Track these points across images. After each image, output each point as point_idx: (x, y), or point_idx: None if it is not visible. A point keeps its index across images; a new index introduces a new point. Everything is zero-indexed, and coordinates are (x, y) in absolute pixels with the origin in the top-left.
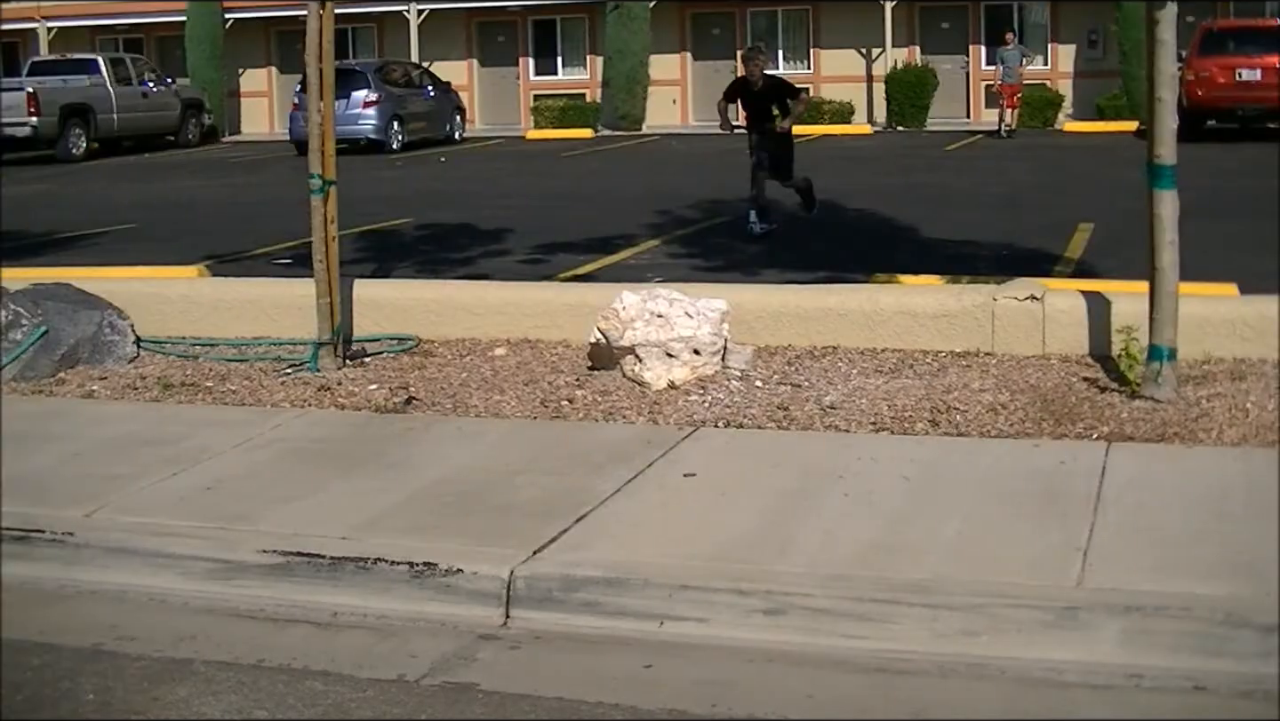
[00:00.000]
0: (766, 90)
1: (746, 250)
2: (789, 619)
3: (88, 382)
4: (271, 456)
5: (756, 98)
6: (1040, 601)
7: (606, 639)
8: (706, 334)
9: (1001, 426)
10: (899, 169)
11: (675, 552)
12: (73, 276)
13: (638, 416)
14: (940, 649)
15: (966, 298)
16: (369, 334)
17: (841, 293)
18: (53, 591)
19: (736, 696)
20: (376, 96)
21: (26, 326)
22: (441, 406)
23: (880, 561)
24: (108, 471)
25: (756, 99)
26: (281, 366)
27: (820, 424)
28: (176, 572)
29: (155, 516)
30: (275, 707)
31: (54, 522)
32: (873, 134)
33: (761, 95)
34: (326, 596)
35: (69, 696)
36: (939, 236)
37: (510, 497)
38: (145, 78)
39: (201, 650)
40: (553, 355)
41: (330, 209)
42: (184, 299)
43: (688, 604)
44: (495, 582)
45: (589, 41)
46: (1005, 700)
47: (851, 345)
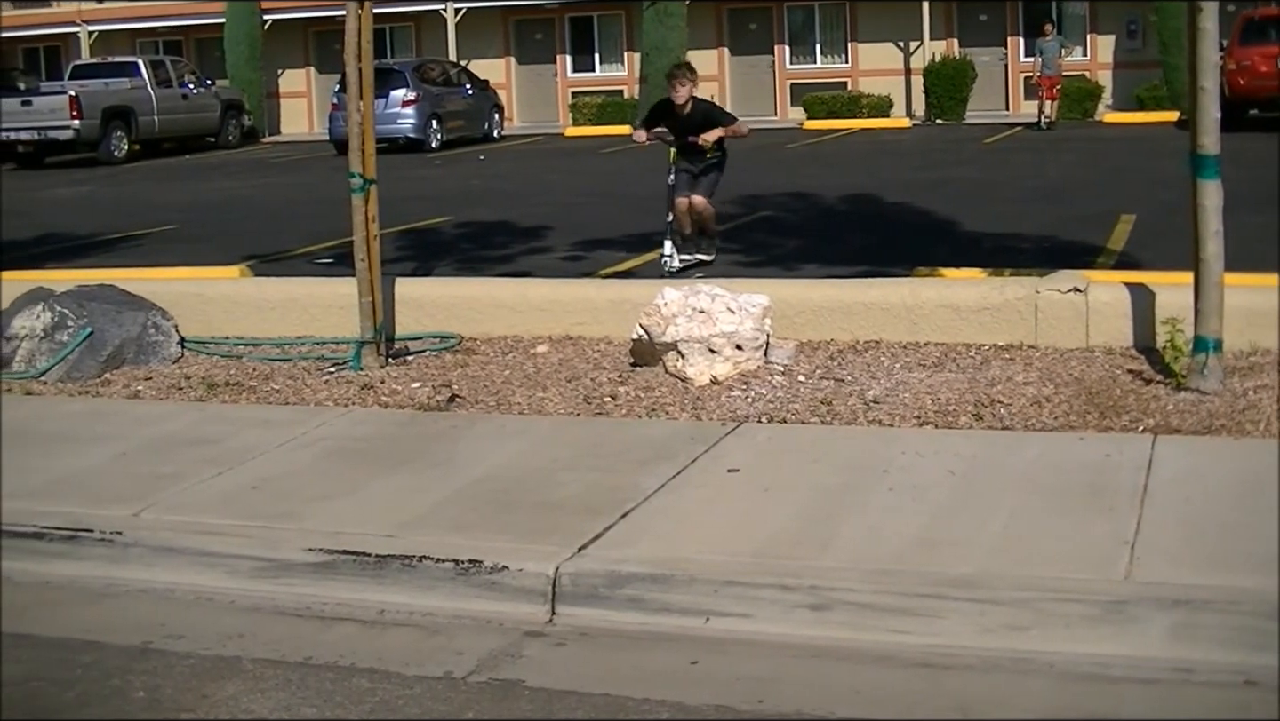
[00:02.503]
0: (695, 116)
1: (786, 245)
2: (834, 614)
3: (133, 383)
4: (316, 455)
5: (684, 124)
6: (1088, 595)
7: (652, 635)
8: (749, 329)
9: (1046, 420)
10: (938, 162)
11: (720, 548)
12: (117, 277)
13: (681, 412)
14: (986, 643)
15: (1009, 291)
16: (411, 332)
17: (883, 287)
18: (101, 590)
19: (782, 692)
20: (415, 95)
21: (72, 327)
22: (484, 404)
23: (925, 556)
24: (154, 471)
25: (683, 126)
26: (324, 365)
27: (864, 418)
28: (223, 571)
29: (201, 515)
30: (323, 705)
31: (102, 522)
32: (911, 127)
33: (689, 121)
34: (372, 594)
35: (119, 694)
36: (980, 229)
37: (554, 494)
38: (185, 79)
39: (249, 648)
40: (595, 352)
41: (371, 208)
42: (227, 299)
43: (733, 599)
44: (540, 579)
45: (626, 38)
46: (1052, 695)
47: (894, 339)
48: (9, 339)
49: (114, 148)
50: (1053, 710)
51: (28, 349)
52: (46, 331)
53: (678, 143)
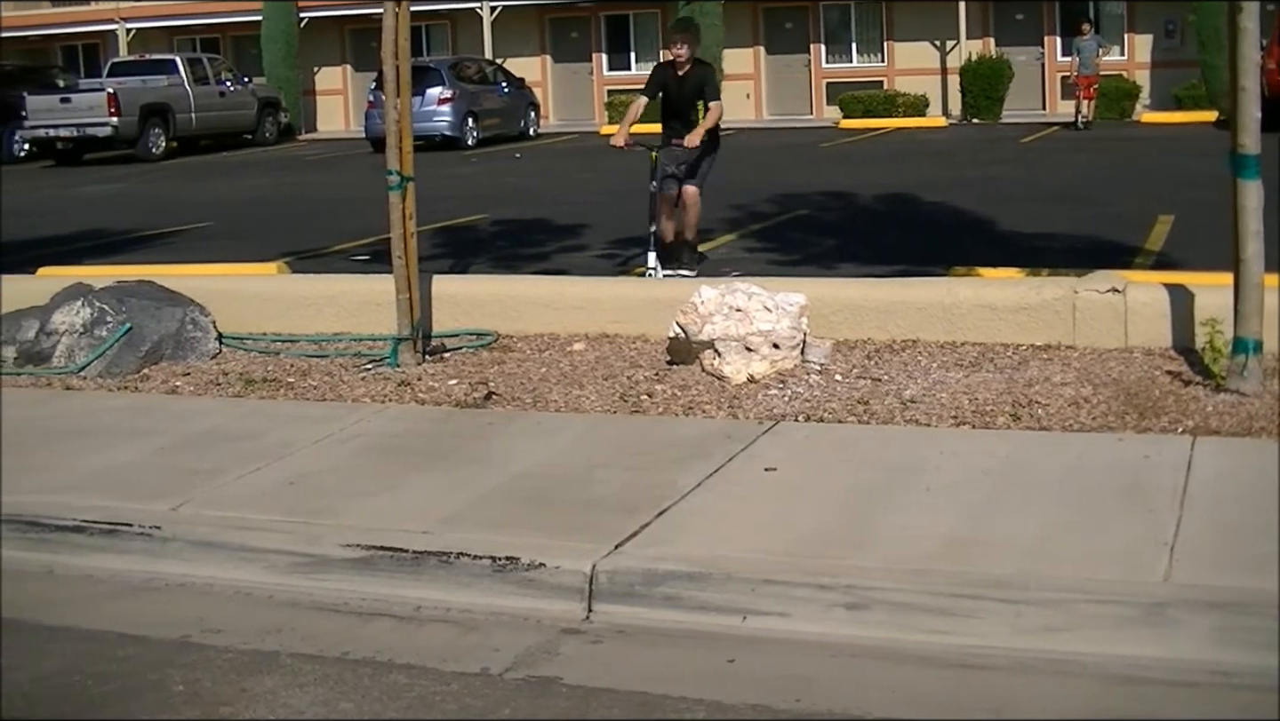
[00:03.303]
0: (691, 81)
1: (823, 244)
2: (871, 614)
3: (171, 378)
4: (353, 451)
5: (679, 89)
6: (1126, 597)
7: (688, 633)
8: (785, 328)
9: (1084, 420)
10: (975, 161)
11: (757, 547)
12: (155, 274)
13: (717, 411)
14: (1023, 645)
15: (1047, 291)
16: (448, 329)
17: (920, 286)
18: (140, 584)
19: (819, 691)
20: (451, 93)
21: (111, 323)
22: (521, 401)
23: (962, 556)
24: (192, 466)
25: (678, 91)
26: (361, 362)
27: (900, 418)
28: (261, 566)
29: (239, 510)
30: (361, 700)
31: (141, 516)
32: (947, 126)
33: (683, 86)
34: (409, 590)
35: (158, 687)
36: (1016, 229)
37: (591, 492)
38: (222, 77)
39: (287, 643)
40: (631, 350)
41: (408, 205)
42: (264, 295)
43: (770, 598)
44: (577, 577)
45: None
46: (1090, 698)
47: (930, 339)
48: (49, 334)
49: (152, 145)
50: (1090, 712)
51: (67, 344)
52: (86, 327)
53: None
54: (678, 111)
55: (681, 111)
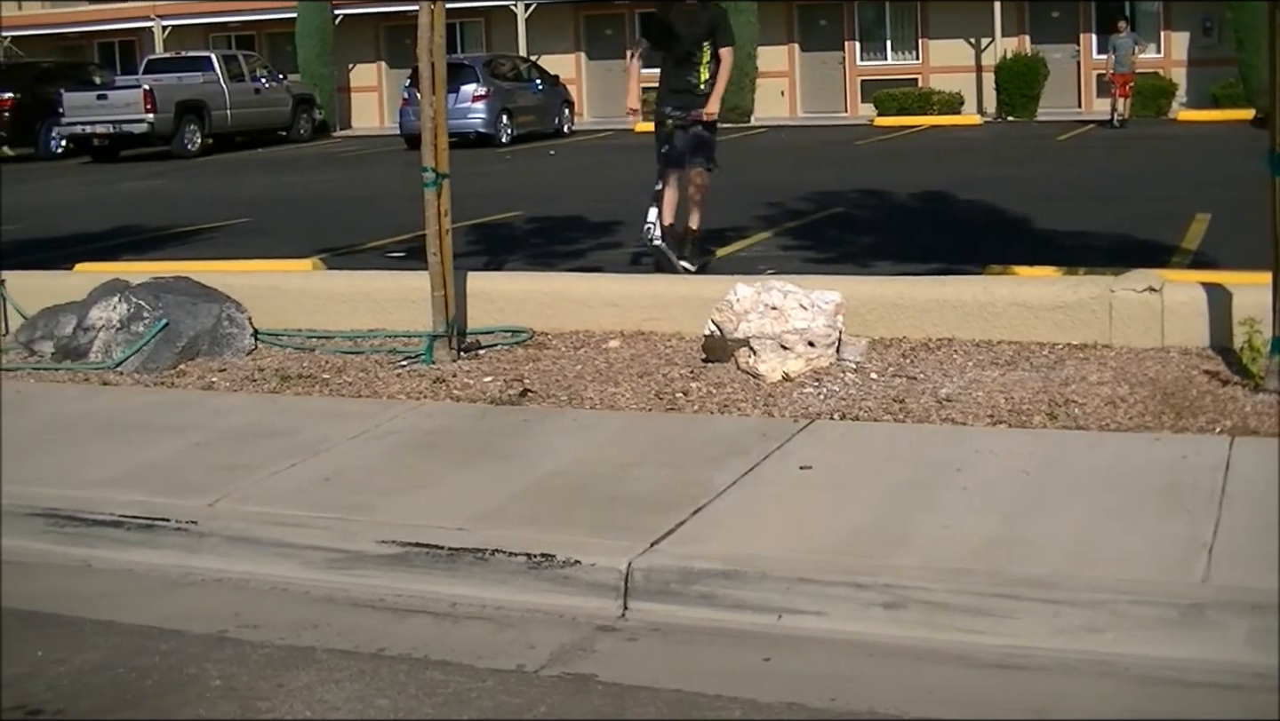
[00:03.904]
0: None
1: (858, 242)
2: (907, 613)
3: (207, 374)
4: (388, 448)
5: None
6: (1165, 598)
7: (724, 631)
8: (821, 326)
9: (1121, 420)
10: (1010, 159)
11: (792, 545)
12: (191, 270)
13: (752, 409)
14: (1062, 645)
15: (1083, 289)
16: (483, 326)
17: (955, 284)
18: (177, 579)
19: (856, 691)
20: (485, 90)
21: (148, 319)
22: (556, 398)
23: (999, 555)
24: (228, 462)
25: (686, 32)
26: (396, 359)
27: (936, 416)
28: (297, 562)
29: (276, 506)
30: (397, 696)
31: (178, 511)
32: (982, 124)
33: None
34: (445, 587)
35: (195, 681)
36: (1052, 227)
37: (626, 489)
38: (257, 74)
39: (323, 638)
40: (666, 347)
41: (444, 202)
42: (299, 292)
43: (805, 597)
44: (613, 574)
45: None
46: (1129, 699)
47: (966, 337)
48: (86, 330)
49: (187, 141)
50: (1127, 713)
51: (104, 339)
52: (123, 322)
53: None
54: (685, 56)
55: (689, 56)
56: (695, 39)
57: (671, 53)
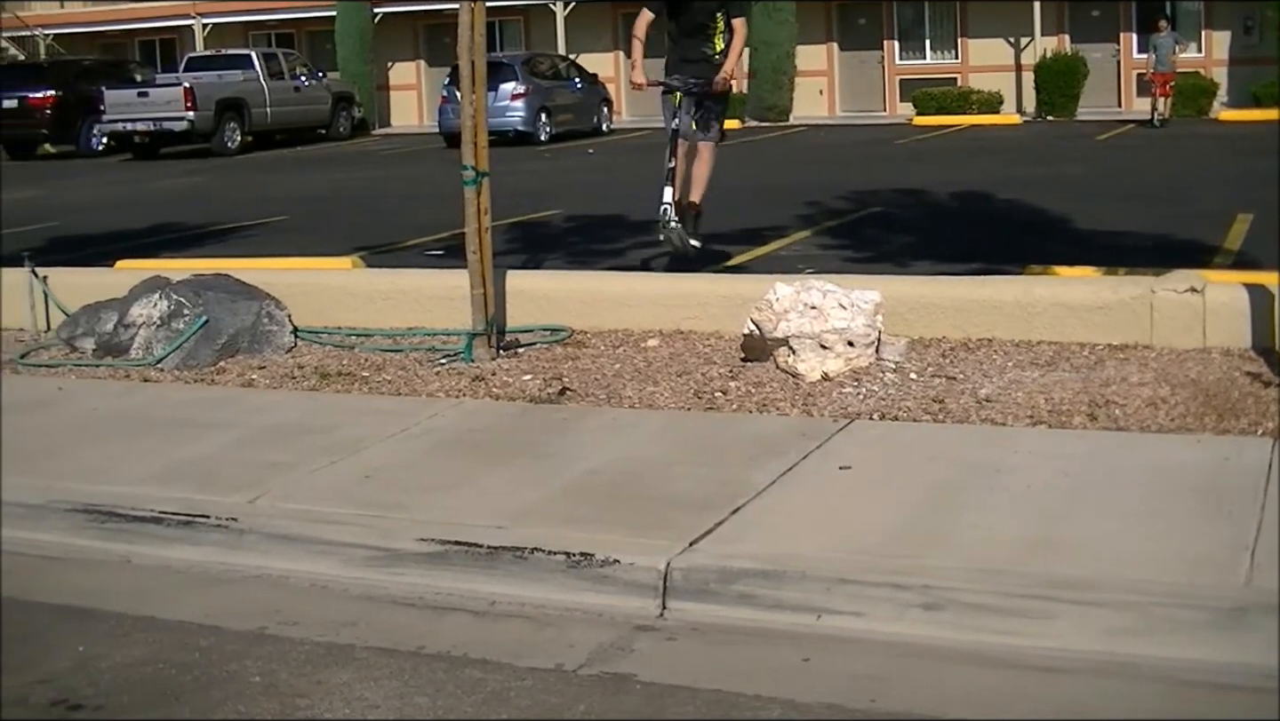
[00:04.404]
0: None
1: (897, 241)
2: (946, 614)
3: (247, 371)
4: (427, 446)
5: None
6: (1206, 601)
7: (763, 631)
8: (860, 325)
9: (1162, 421)
10: (1050, 159)
11: (831, 546)
12: (231, 267)
13: (791, 408)
14: (1101, 647)
15: (1124, 290)
16: (522, 325)
17: (995, 284)
18: (217, 575)
19: (895, 692)
20: (524, 89)
21: (188, 316)
22: (595, 397)
23: (1039, 557)
24: (268, 459)
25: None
26: (436, 357)
27: (976, 417)
28: (336, 559)
29: (315, 504)
30: (435, 694)
31: (218, 508)
32: (1022, 124)
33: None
34: (483, 585)
35: (236, 677)
36: (1092, 227)
37: (665, 489)
38: (297, 72)
39: (362, 636)
40: (705, 346)
41: (483, 200)
42: (339, 289)
43: (845, 597)
44: (652, 574)
45: None
46: (1168, 702)
47: (1006, 337)
48: (127, 326)
49: (227, 139)
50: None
51: (145, 336)
52: (163, 320)
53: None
54: (694, 28)
55: (700, 27)
56: (708, 10)
57: (682, 23)
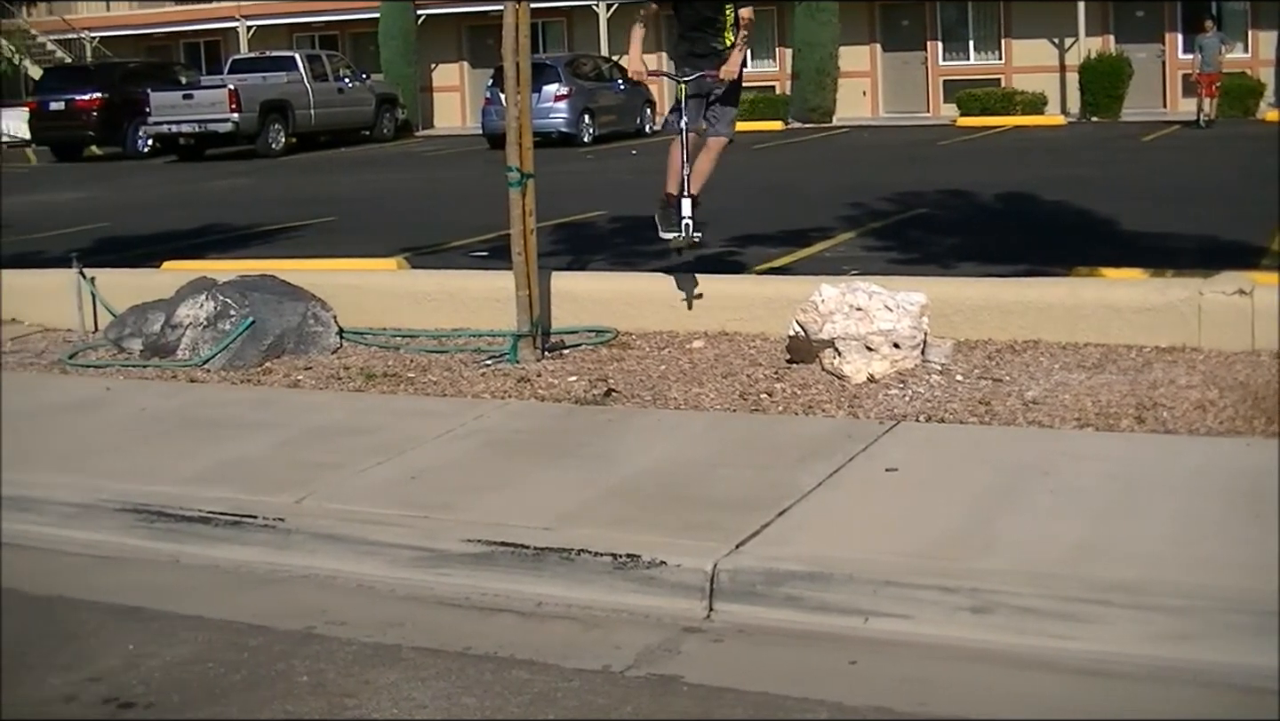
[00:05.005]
0: None
1: (942, 243)
2: (995, 617)
3: (293, 372)
4: (473, 447)
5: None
6: (1256, 605)
7: (810, 634)
8: (906, 327)
9: (1211, 424)
10: (1095, 160)
11: (878, 548)
12: (276, 268)
13: (837, 410)
14: (1150, 651)
15: (1171, 292)
16: (567, 326)
17: (1041, 286)
18: (265, 575)
19: (943, 695)
20: (567, 90)
21: (235, 317)
22: (640, 398)
23: (1088, 560)
24: (315, 459)
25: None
26: (481, 358)
27: (1023, 419)
28: (383, 560)
29: (361, 504)
30: (482, 695)
31: (265, 508)
32: (1066, 125)
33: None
34: (530, 586)
35: (284, 677)
36: (1138, 229)
37: (711, 490)
38: (341, 74)
39: (409, 636)
40: (750, 348)
41: (528, 201)
42: (384, 290)
43: (892, 600)
44: (698, 575)
45: (778, 33)
46: (1219, 707)
47: (1052, 339)
48: (174, 327)
49: (271, 140)
50: None
51: (192, 337)
52: (210, 320)
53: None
54: (701, 21)
55: (708, 21)
56: (716, 2)
57: (686, 17)
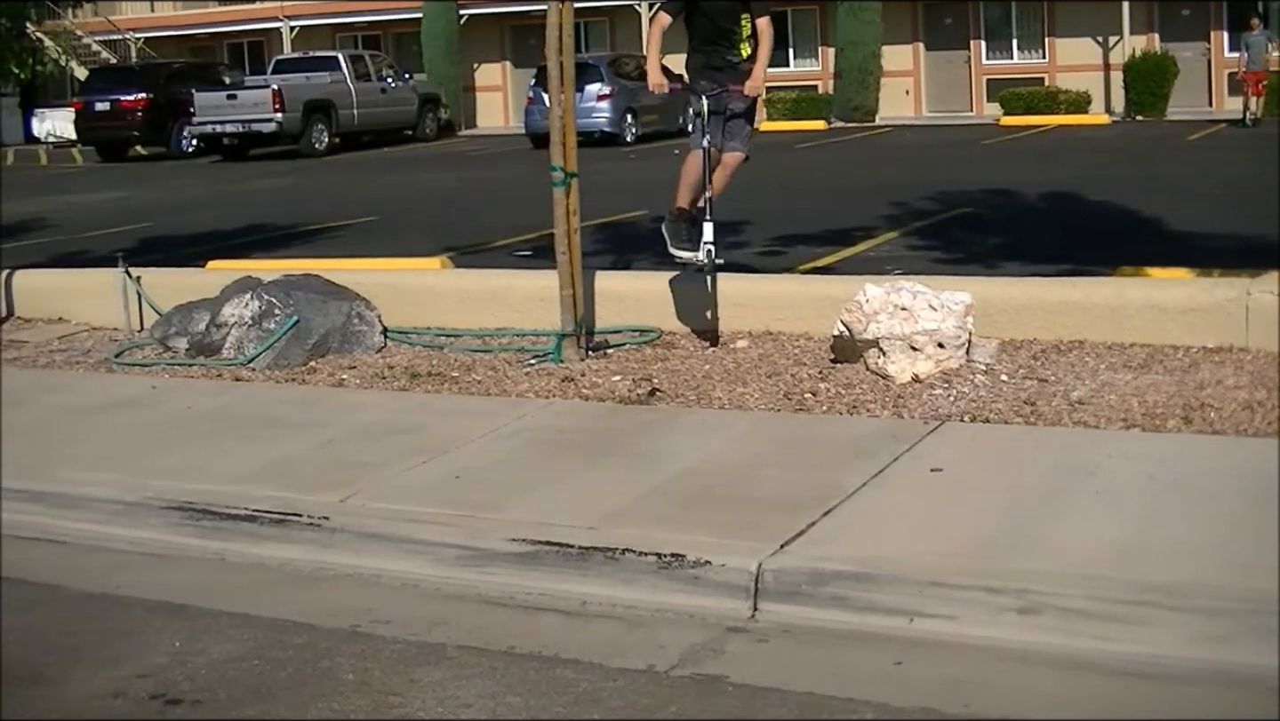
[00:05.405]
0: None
1: (986, 242)
2: (1041, 618)
3: (338, 371)
4: (517, 446)
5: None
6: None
7: (855, 634)
8: (951, 327)
9: (1259, 425)
10: (1139, 159)
11: (924, 548)
12: (321, 268)
13: (882, 410)
14: (1195, 653)
15: (1219, 292)
16: (611, 325)
17: (1086, 286)
18: (310, 573)
19: (989, 697)
20: (610, 90)
21: (279, 316)
22: (684, 398)
23: (1134, 562)
24: (359, 458)
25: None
26: (525, 357)
27: (1068, 419)
28: (427, 559)
29: (406, 503)
30: (528, 694)
31: (310, 507)
32: (1110, 124)
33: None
34: (575, 585)
35: (329, 675)
36: (1184, 228)
37: (756, 490)
38: (384, 74)
39: (453, 635)
40: (794, 347)
41: (572, 201)
42: (428, 290)
43: (937, 600)
44: (743, 575)
45: (820, 33)
46: (1262, 710)
47: (1098, 340)
48: (219, 326)
49: (315, 140)
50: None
51: (237, 336)
52: (255, 319)
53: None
54: (717, 33)
55: (724, 33)
56: (731, 12)
57: (701, 29)
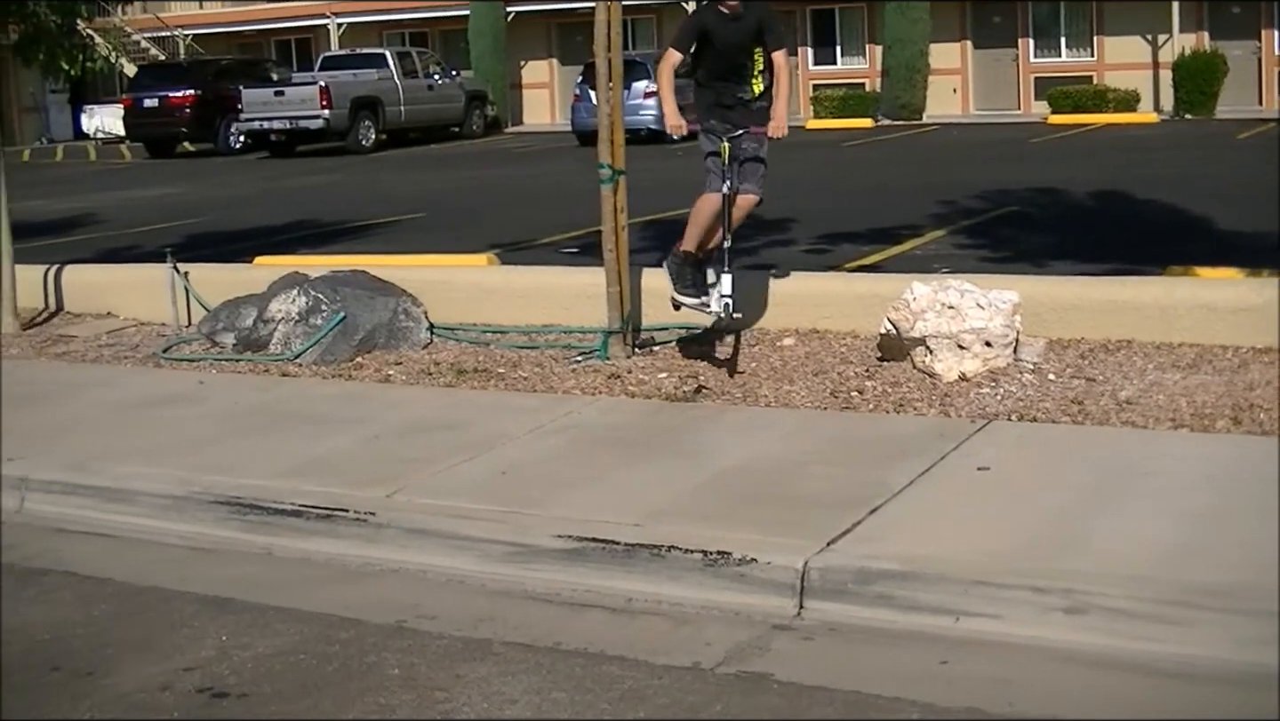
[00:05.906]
0: (747, 21)
1: (1034, 241)
2: (1087, 619)
3: (384, 367)
4: (563, 443)
5: (729, 36)
6: None
7: (901, 633)
8: (998, 326)
9: None
10: (1189, 158)
11: (970, 547)
12: (368, 264)
13: (928, 408)
14: (1242, 656)
15: (1268, 291)
16: (657, 323)
17: (1135, 285)
18: (356, 569)
19: (1035, 696)
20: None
21: (326, 312)
22: (731, 396)
23: (1181, 563)
24: (405, 454)
25: (729, 39)
26: (571, 354)
27: (1116, 419)
28: (473, 555)
29: (452, 499)
30: (573, 690)
31: (356, 503)
32: (1159, 122)
33: (737, 32)
34: (620, 582)
35: (375, 670)
36: (1233, 227)
37: (802, 488)
38: (430, 71)
39: (499, 631)
40: (841, 346)
41: (620, 198)
42: (474, 286)
43: (983, 600)
44: (789, 573)
45: (868, 30)
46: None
47: (1146, 339)
48: (266, 321)
49: (362, 137)
50: None
51: (284, 331)
52: (302, 315)
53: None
54: (729, 69)
55: (735, 69)
56: (743, 47)
57: (711, 65)
